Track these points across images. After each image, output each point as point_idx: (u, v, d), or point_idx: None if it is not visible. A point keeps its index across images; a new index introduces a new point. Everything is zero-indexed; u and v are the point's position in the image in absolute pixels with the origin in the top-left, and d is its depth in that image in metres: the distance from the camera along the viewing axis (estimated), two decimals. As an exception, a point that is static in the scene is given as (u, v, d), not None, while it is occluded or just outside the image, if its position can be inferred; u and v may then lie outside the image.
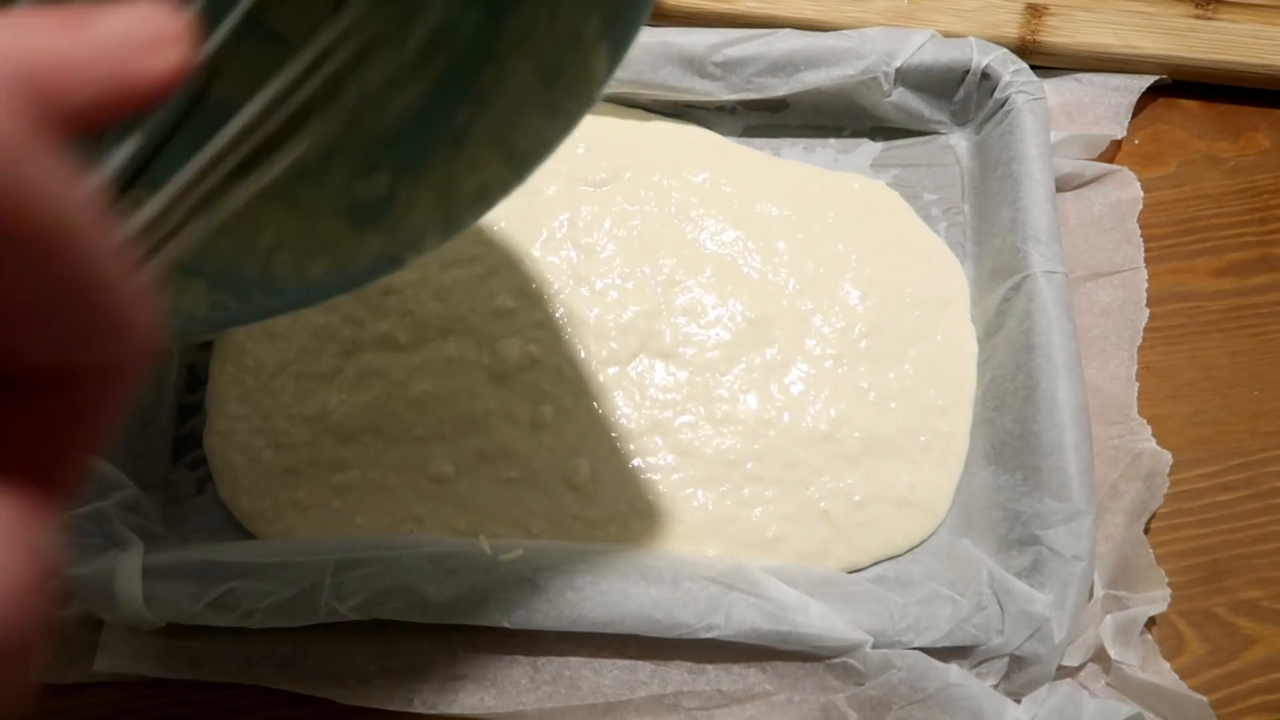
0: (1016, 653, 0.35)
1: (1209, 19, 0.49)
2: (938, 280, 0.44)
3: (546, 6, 0.23)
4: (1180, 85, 0.49)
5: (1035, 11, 0.49)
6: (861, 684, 0.35)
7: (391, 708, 0.36)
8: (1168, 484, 0.38)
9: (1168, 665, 0.36)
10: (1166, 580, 0.36)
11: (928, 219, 0.46)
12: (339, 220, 0.24)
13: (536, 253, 0.45)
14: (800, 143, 0.48)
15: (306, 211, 0.24)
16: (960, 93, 0.46)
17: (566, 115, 0.23)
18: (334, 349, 0.43)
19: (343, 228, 0.24)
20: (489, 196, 0.24)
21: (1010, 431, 0.39)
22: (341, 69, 0.22)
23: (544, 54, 0.23)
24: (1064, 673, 0.36)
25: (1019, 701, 0.35)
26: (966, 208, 0.46)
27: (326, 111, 0.24)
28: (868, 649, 0.34)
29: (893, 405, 0.41)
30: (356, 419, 0.41)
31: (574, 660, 0.36)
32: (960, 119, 0.47)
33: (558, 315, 0.43)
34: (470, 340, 0.42)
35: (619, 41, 0.22)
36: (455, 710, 0.35)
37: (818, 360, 0.42)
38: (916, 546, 0.39)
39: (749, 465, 0.40)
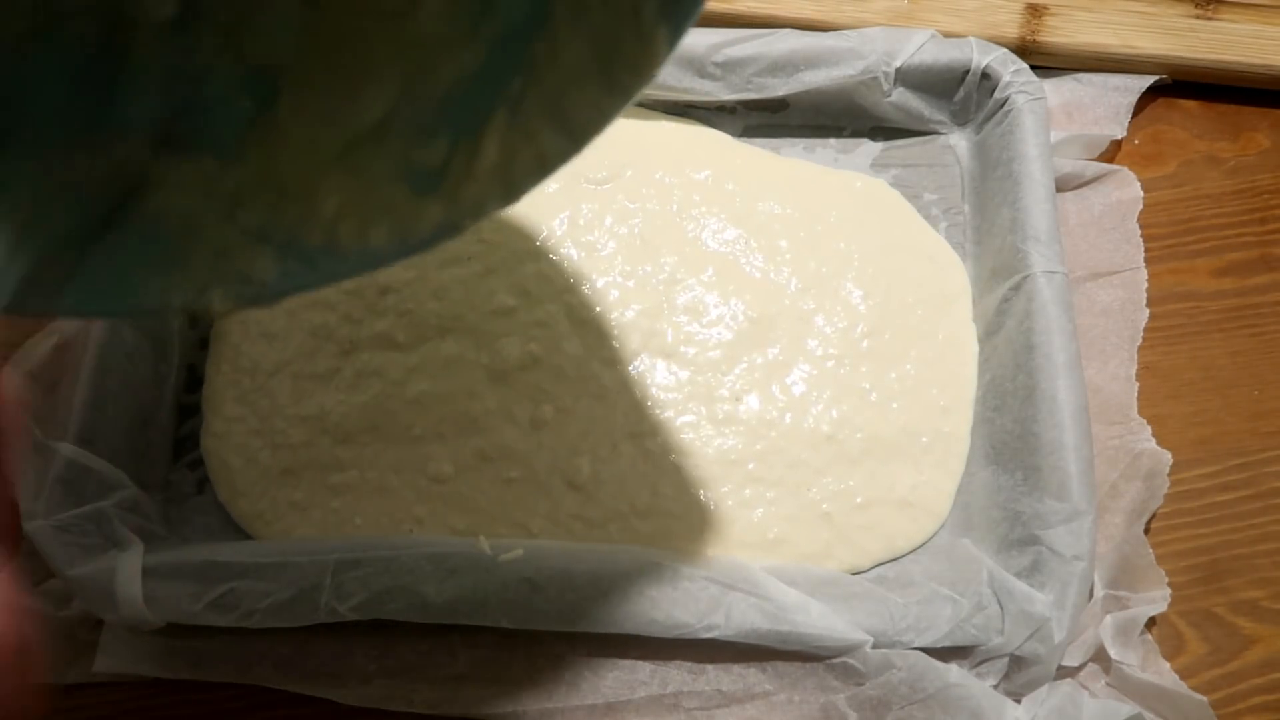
0: (1016, 653, 0.35)
1: (1209, 19, 0.49)
2: (940, 279, 0.44)
3: None
4: (1180, 85, 0.49)
5: (1035, 11, 0.49)
6: (861, 684, 0.35)
7: (391, 708, 0.35)
8: (1168, 484, 0.38)
9: (1168, 665, 0.36)
10: (1166, 580, 0.36)
11: (928, 219, 0.46)
12: (399, 187, 0.24)
13: (536, 251, 0.44)
14: (800, 143, 0.48)
15: (367, 179, 0.24)
16: (960, 93, 0.46)
17: (624, 90, 0.23)
18: (331, 349, 0.42)
19: (403, 195, 0.24)
20: (547, 165, 0.24)
21: (1010, 431, 0.39)
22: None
23: (600, 31, 0.23)
24: (1064, 673, 0.36)
25: (1019, 701, 0.35)
26: (966, 208, 0.46)
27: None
28: (868, 649, 0.34)
29: (895, 405, 0.41)
30: (354, 419, 0.41)
31: (574, 660, 0.36)
32: (960, 119, 0.47)
33: (558, 314, 0.43)
34: (469, 339, 0.42)
35: (679, 22, 0.22)
36: (455, 710, 0.35)
37: (820, 360, 0.42)
38: (918, 548, 0.40)
39: (750, 466, 0.40)
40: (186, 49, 0.23)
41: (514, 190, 0.24)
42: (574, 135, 0.24)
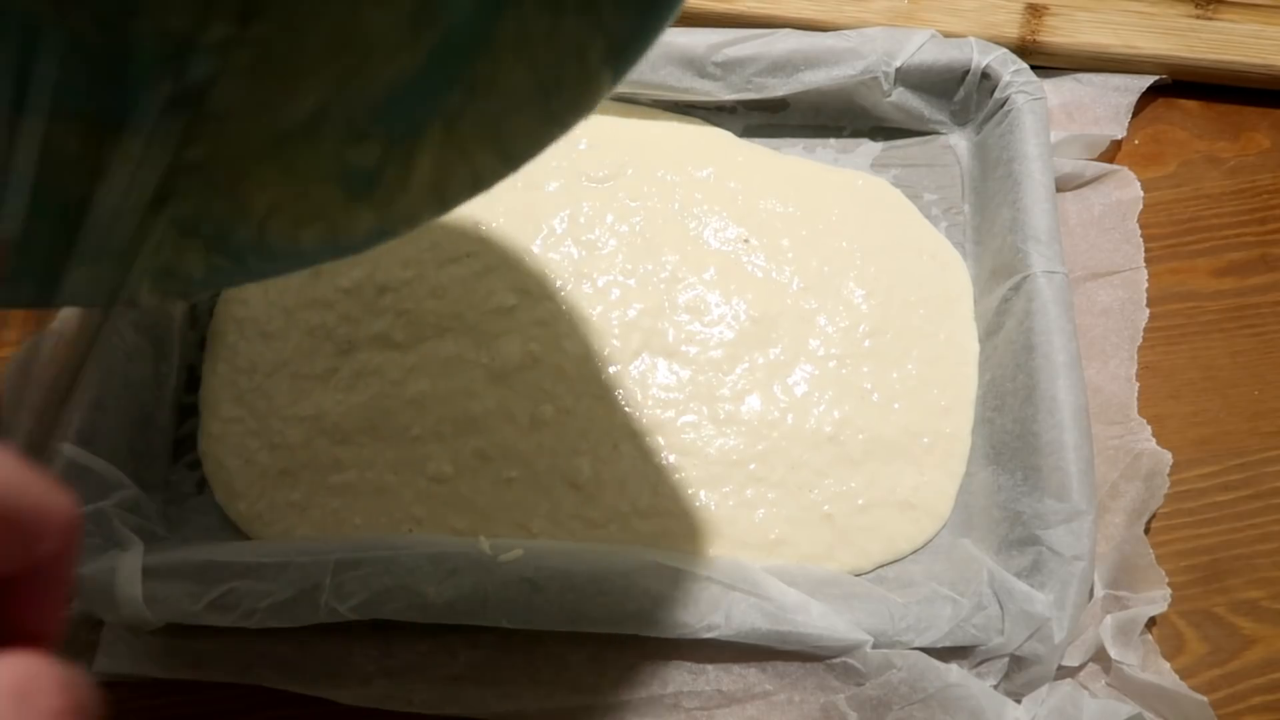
0: (1016, 653, 0.35)
1: (1209, 19, 0.49)
2: (942, 278, 0.44)
3: (547, 18, 0.23)
4: (1180, 85, 0.49)
5: (1035, 11, 0.49)
6: (861, 684, 0.35)
7: (391, 708, 0.35)
8: (1168, 484, 0.38)
9: (1168, 665, 0.36)
10: (1166, 580, 0.36)
11: (928, 219, 0.46)
12: (332, 189, 0.24)
13: (537, 249, 0.44)
14: (800, 143, 0.48)
15: (298, 177, 0.24)
16: (960, 93, 0.46)
17: (562, 123, 0.24)
18: (329, 348, 0.42)
19: (335, 197, 0.24)
20: (481, 183, 0.24)
21: (1010, 431, 0.39)
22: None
23: (543, 64, 0.23)
24: (1064, 673, 0.36)
25: (1019, 701, 0.35)
26: (966, 208, 0.46)
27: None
28: (868, 649, 0.34)
29: (896, 406, 0.41)
30: (353, 419, 0.41)
31: (574, 660, 0.36)
32: (960, 119, 0.47)
33: (559, 313, 0.43)
34: (469, 338, 0.42)
35: (621, 67, 0.22)
36: (455, 710, 0.35)
37: (821, 360, 0.42)
38: (919, 549, 0.39)
39: (752, 466, 0.40)
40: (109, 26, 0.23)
41: (446, 203, 0.24)
42: (508, 158, 0.24)
